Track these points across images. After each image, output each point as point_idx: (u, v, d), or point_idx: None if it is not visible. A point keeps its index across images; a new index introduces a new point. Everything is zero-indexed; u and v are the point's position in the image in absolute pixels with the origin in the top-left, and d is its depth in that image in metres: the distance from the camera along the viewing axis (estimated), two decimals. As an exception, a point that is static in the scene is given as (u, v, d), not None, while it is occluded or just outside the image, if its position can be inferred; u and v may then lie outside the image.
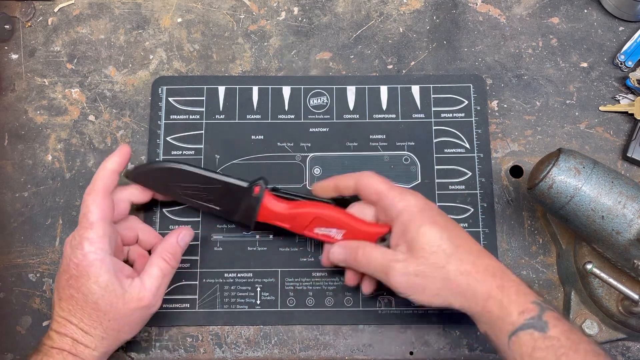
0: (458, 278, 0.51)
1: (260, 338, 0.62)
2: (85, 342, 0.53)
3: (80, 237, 0.54)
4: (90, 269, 0.53)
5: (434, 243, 0.52)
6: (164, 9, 0.71)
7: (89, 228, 0.54)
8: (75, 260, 0.53)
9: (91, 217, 0.54)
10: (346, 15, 0.71)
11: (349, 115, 0.67)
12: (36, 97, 0.69)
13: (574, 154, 0.55)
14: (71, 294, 0.54)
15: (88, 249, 0.53)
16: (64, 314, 0.54)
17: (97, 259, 0.53)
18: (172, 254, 0.57)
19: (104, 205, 0.55)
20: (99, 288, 0.53)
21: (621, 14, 0.69)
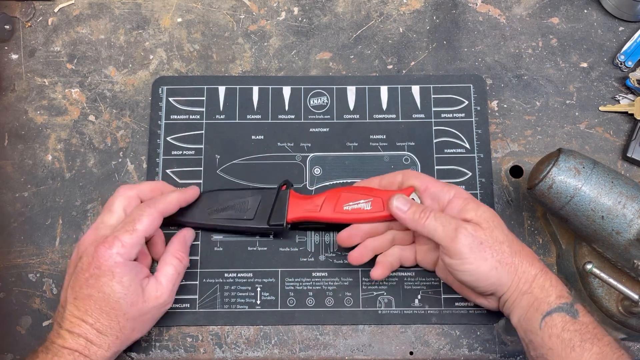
0: (514, 255, 0.55)
1: (260, 338, 0.62)
2: (99, 342, 0.53)
3: (115, 237, 0.54)
4: (115, 269, 0.54)
5: (494, 220, 0.56)
6: (164, 9, 0.71)
7: (129, 233, 0.55)
8: (100, 259, 0.54)
9: (138, 226, 0.55)
10: (346, 15, 0.71)
11: (349, 116, 0.67)
12: (36, 97, 0.69)
13: (573, 154, 0.55)
14: (90, 293, 0.54)
15: (117, 251, 0.54)
16: (79, 313, 0.54)
17: (122, 262, 0.54)
18: (183, 252, 0.60)
19: (154, 224, 0.57)
20: (122, 288, 0.54)
21: (621, 14, 0.69)
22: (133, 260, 0.56)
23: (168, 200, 0.59)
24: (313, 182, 0.65)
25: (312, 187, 0.65)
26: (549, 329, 0.52)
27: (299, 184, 0.65)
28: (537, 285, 0.54)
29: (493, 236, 0.55)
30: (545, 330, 0.52)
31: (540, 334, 0.52)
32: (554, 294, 0.53)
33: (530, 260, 0.55)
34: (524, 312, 0.54)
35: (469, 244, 0.54)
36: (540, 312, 0.53)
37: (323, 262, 0.63)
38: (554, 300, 0.53)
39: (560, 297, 0.53)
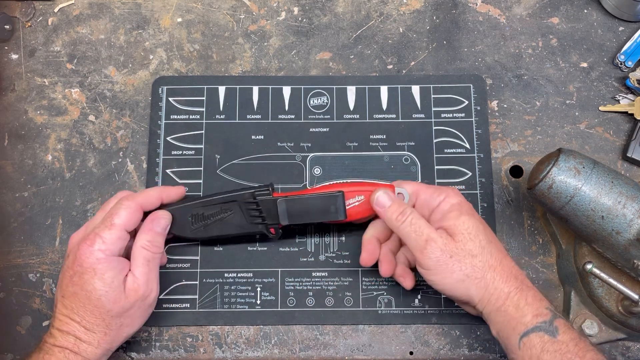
0: (486, 271, 0.53)
1: (260, 338, 0.62)
2: (88, 339, 0.53)
3: (95, 234, 0.54)
4: (97, 266, 0.53)
5: (472, 232, 0.54)
6: (164, 9, 0.71)
7: (108, 228, 0.55)
8: (82, 256, 0.54)
9: (117, 219, 0.55)
10: (346, 15, 0.71)
11: (349, 115, 0.67)
12: (36, 97, 0.69)
13: (573, 154, 0.54)
14: (74, 291, 0.54)
15: (98, 247, 0.54)
16: (67, 311, 0.54)
17: (104, 259, 0.54)
18: (149, 241, 0.56)
19: (133, 217, 0.56)
20: (103, 285, 0.53)
21: (621, 14, 0.69)
22: (117, 255, 0.55)
23: (148, 193, 0.58)
24: (313, 182, 0.65)
25: (311, 187, 0.65)
26: (528, 350, 0.50)
27: (299, 183, 0.65)
28: (511, 304, 0.52)
29: (465, 249, 0.53)
30: (524, 351, 0.50)
31: (520, 354, 0.51)
32: (530, 313, 0.51)
33: (506, 276, 0.53)
34: (501, 328, 0.53)
35: (436, 258, 0.53)
36: (517, 332, 0.51)
37: (323, 262, 0.63)
38: (530, 320, 0.51)
39: (537, 316, 0.51)
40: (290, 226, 0.61)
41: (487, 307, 0.53)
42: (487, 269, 0.53)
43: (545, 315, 0.51)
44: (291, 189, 0.65)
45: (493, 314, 0.53)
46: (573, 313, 0.61)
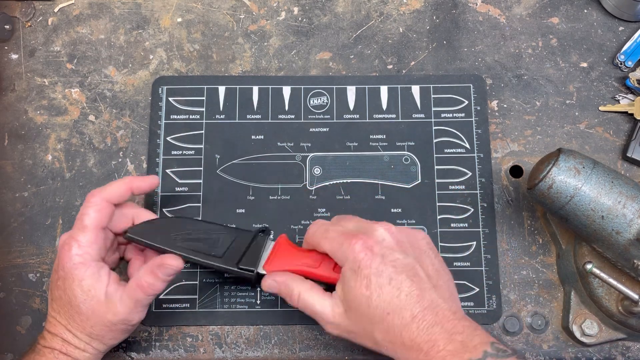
0: (386, 345, 0.49)
1: (260, 338, 0.62)
2: (74, 342, 0.54)
3: (70, 238, 0.54)
4: (74, 271, 0.53)
5: (363, 309, 0.49)
6: (164, 9, 0.71)
7: (81, 231, 0.54)
8: (63, 261, 0.54)
9: (86, 220, 0.54)
10: (346, 15, 0.71)
11: (349, 115, 0.67)
12: (36, 97, 0.69)
13: (573, 154, 0.54)
14: (59, 295, 0.54)
15: (75, 252, 0.53)
16: (54, 313, 0.54)
17: (82, 263, 0.53)
18: (149, 283, 0.54)
19: (102, 213, 0.55)
20: (81, 292, 0.53)
21: (621, 14, 0.69)
22: (97, 259, 0.54)
23: (115, 185, 0.56)
24: (313, 182, 0.65)
25: (312, 187, 0.65)
26: None
27: (299, 184, 0.65)
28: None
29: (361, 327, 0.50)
30: None
31: None
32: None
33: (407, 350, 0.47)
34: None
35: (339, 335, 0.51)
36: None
37: (323, 262, 0.63)
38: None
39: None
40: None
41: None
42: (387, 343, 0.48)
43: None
44: (291, 189, 0.65)
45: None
46: (573, 313, 0.61)
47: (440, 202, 0.65)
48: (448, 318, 0.47)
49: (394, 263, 0.49)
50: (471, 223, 0.64)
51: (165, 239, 0.57)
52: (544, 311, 0.63)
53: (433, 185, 0.65)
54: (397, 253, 0.50)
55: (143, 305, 0.55)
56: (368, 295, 0.48)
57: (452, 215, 0.64)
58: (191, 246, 0.57)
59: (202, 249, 0.57)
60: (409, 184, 0.65)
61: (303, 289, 0.53)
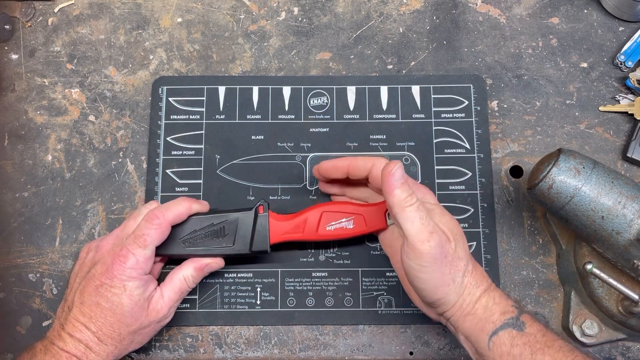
0: (464, 276, 0.52)
1: (260, 338, 0.62)
2: (98, 350, 0.54)
3: (128, 251, 0.54)
4: (127, 283, 0.54)
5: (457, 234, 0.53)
6: (164, 9, 0.71)
7: (140, 247, 0.55)
8: (114, 272, 0.54)
9: (149, 240, 0.55)
10: (346, 15, 0.71)
11: (349, 116, 0.67)
12: (36, 97, 0.69)
13: (574, 154, 0.54)
14: (97, 302, 0.54)
15: (130, 266, 0.54)
16: (84, 319, 0.54)
17: (136, 277, 0.54)
18: (193, 277, 0.59)
19: (163, 235, 0.56)
20: (130, 302, 0.54)
21: (621, 14, 0.69)
22: (147, 273, 0.56)
23: (178, 210, 0.58)
24: (313, 182, 0.65)
25: (312, 187, 0.65)
26: (498, 348, 0.50)
27: (299, 184, 0.65)
28: (480, 306, 0.51)
29: (457, 251, 0.52)
30: (494, 350, 0.50)
31: (491, 355, 0.51)
32: (497, 311, 0.51)
33: (479, 280, 0.52)
34: (470, 333, 0.52)
35: (434, 254, 0.50)
36: (486, 333, 0.51)
37: (323, 262, 0.63)
38: (498, 317, 0.51)
39: (505, 314, 0.51)
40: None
41: (457, 313, 0.52)
42: (466, 274, 0.52)
43: (512, 312, 0.51)
44: (291, 189, 0.65)
45: (461, 320, 0.52)
46: (573, 313, 0.61)
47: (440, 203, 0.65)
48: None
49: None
50: (471, 223, 0.64)
51: (176, 246, 0.59)
52: (544, 311, 0.63)
53: (433, 186, 0.65)
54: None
55: (179, 301, 0.59)
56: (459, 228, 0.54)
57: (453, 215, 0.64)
58: (203, 244, 0.59)
59: (213, 244, 0.59)
60: (409, 184, 0.65)
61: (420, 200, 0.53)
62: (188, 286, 0.59)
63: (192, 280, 0.59)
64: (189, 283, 0.58)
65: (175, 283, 0.58)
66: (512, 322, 0.51)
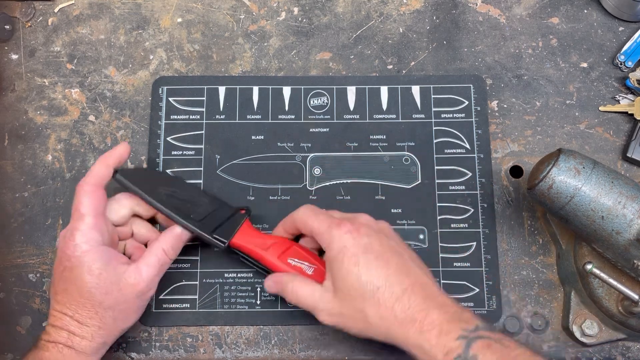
0: (377, 322, 0.50)
1: (260, 338, 0.62)
2: (82, 333, 0.53)
3: (72, 229, 0.54)
4: (82, 259, 0.53)
5: (353, 286, 0.51)
6: (164, 9, 0.71)
7: (80, 219, 0.54)
8: (68, 252, 0.54)
9: (82, 208, 0.55)
10: (346, 15, 0.71)
11: (349, 116, 0.67)
12: (36, 97, 0.69)
13: (573, 154, 0.54)
14: (65, 287, 0.54)
15: (79, 240, 0.54)
16: (60, 307, 0.54)
17: (89, 250, 0.54)
18: (172, 246, 0.57)
19: (95, 198, 0.56)
20: (92, 277, 0.53)
21: (621, 14, 0.69)
22: (102, 244, 0.55)
23: (95, 169, 0.57)
24: (313, 182, 0.65)
25: (312, 187, 0.65)
26: None
27: (299, 184, 0.65)
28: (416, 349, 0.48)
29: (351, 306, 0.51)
30: None
31: None
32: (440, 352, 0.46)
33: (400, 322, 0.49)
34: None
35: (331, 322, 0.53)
36: None
37: (323, 262, 0.63)
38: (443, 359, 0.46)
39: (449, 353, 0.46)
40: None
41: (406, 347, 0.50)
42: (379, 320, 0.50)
43: (458, 347, 0.46)
44: (291, 189, 0.65)
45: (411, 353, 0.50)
46: (573, 313, 0.61)
47: (440, 203, 0.65)
48: (437, 293, 0.50)
49: (380, 242, 0.52)
50: (471, 223, 0.64)
51: (151, 189, 0.58)
52: (544, 311, 0.63)
53: (433, 186, 0.65)
54: (382, 236, 0.53)
55: (161, 274, 0.57)
56: (357, 272, 0.51)
57: (452, 215, 0.64)
58: (174, 204, 0.58)
59: (183, 209, 0.58)
60: (409, 184, 0.65)
61: (296, 282, 0.55)
62: (168, 257, 0.57)
63: (173, 251, 0.57)
64: (168, 254, 0.57)
65: (152, 256, 0.56)
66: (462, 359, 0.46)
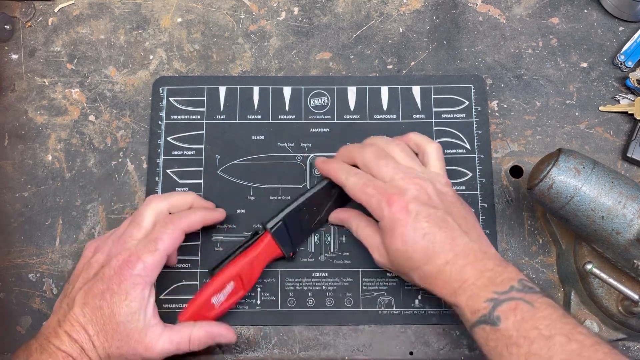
0: (422, 284, 0.55)
1: (260, 338, 0.62)
2: (92, 356, 0.52)
3: (137, 257, 0.54)
4: (130, 290, 0.53)
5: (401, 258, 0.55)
6: (164, 9, 0.71)
7: (151, 253, 0.54)
8: (121, 277, 0.53)
9: (160, 245, 0.55)
10: (346, 15, 0.71)
11: (349, 116, 0.67)
12: (36, 97, 0.69)
13: (573, 154, 0.55)
14: (100, 305, 0.53)
15: (138, 272, 0.53)
16: (84, 320, 0.53)
17: (140, 284, 0.53)
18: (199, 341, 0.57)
19: (176, 242, 0.56)
20: (127, 312, 0.53)
21: (621, 14, 0.69)
22: (154, 283, 0.55)
23: (192, 218, 0.58)
24: (313, 182, 0.65)
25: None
26: (477, 339, 0.51)
27: (300, 184, 0.65)
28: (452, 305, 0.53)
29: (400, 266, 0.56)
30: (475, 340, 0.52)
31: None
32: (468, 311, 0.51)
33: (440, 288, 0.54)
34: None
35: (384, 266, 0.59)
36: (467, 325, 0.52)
37: (323, 262, 0.63)
38: (470, 316, 0.51)
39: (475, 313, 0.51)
40: None
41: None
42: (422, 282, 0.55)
43: (484, 309, 0.50)
44: (291, 189, 0.65)
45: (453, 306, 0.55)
46: (573, 313, 0.61)
47: (440, 202, 0.65)
48: (479, 258, 0.53)
49: (427, 218, 0.54)
50: (471, 223, 0.64)
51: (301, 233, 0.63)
52: (544, 311, 0.63)
53: (433, 186, 0.65)
54: (429, 208, 0.54)
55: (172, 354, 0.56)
56: (404, 250, 0.54)
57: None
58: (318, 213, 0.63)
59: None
60: (409, 184, 0.65)
61: (361, 224, 0.60)
62: (189, 347, 0.56)
63: (197, 343, 0.56)
64: (192, 345, 0.56)
65: (178, 335, 0.55)
66: (485, 319, 0.50)
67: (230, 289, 0.59)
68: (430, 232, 0.53)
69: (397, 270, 0.57)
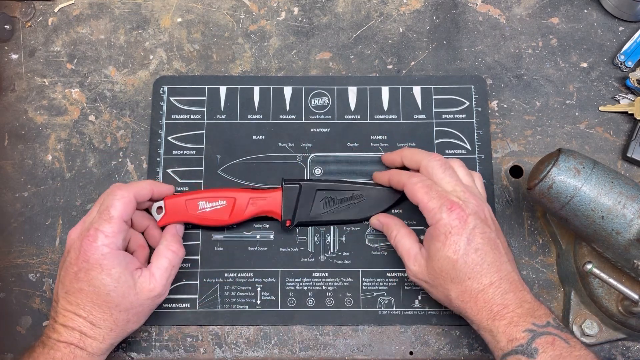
0: (457, 302, 0.55)
1: (260, 338, 0.62)
2: (93, 334, 0.54)
3: (96, 230, 0.54)
4: (103, 261, 0.54)
5: (446, 269, 0.54)
6: (164, 9, 0.71)
7: (107, 222, 0.55)
8: (88, 253, 0.54)
9: (113, 211, 0.55)
10: (346, 15, 0.71)
11: (350, 116, 0.67)
12: (36, 97, 0.69)
13: (573, 154, 0.55)
14: (80, 287, 0.54)
15: (102, 242, 0.54)
16: (72, 307, 0.54)
17: (110, 253, 0.54)
18: (177, 244, 0.59)
19: (128, 206, 0.56)
20: (111, 280, 0.54)
21: (621, 14, 0.69)
22: (121, 248, 0.56)
23: (141, 185, 0.59)
24: (313, 182, 0.65)
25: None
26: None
27: (300, 184, 0.65)
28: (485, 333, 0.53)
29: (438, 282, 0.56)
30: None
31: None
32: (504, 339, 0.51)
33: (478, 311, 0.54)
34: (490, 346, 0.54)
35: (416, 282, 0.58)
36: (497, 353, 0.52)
37: (323, 262, 0.63)
38: (505, 345, 0.51)
39: (512, 341, 0.51)
40: None
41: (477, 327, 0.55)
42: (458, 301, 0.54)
43: (522, 339, 0.51)
44: (291, 189, 0.65)
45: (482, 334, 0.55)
46: (573, 313, 0.61)
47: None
48: (519, 289, 0.54)
49: (482, 235, 0.54)
50: (471, 223, 0.64)
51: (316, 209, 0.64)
52: (544, 311, 0.63)
53: (433, 186, 0.65)
54: (485, 226, 0.55)
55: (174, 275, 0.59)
56: (455, 259, 0.53)
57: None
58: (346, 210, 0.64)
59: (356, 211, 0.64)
60: (409, 184, 0.65)
61: (401, 232, 0.60)
62: (179, 257, 0.59)
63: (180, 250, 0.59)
64: (178, 254, 0.59)
65: (162, 258, 0.58)
66: (522, 349, 0.50)
67: (219, 206, 0.61)
68: (483, 250, 0.54)
69: (434, 282, 0.56)
